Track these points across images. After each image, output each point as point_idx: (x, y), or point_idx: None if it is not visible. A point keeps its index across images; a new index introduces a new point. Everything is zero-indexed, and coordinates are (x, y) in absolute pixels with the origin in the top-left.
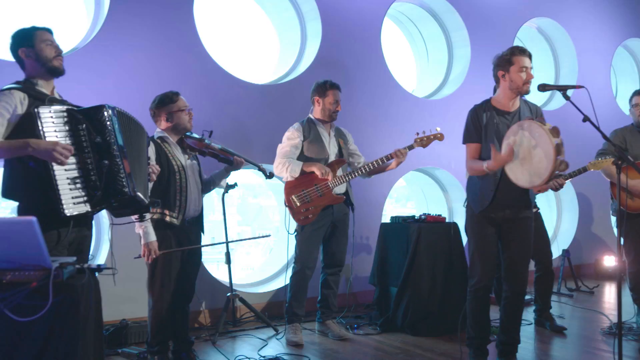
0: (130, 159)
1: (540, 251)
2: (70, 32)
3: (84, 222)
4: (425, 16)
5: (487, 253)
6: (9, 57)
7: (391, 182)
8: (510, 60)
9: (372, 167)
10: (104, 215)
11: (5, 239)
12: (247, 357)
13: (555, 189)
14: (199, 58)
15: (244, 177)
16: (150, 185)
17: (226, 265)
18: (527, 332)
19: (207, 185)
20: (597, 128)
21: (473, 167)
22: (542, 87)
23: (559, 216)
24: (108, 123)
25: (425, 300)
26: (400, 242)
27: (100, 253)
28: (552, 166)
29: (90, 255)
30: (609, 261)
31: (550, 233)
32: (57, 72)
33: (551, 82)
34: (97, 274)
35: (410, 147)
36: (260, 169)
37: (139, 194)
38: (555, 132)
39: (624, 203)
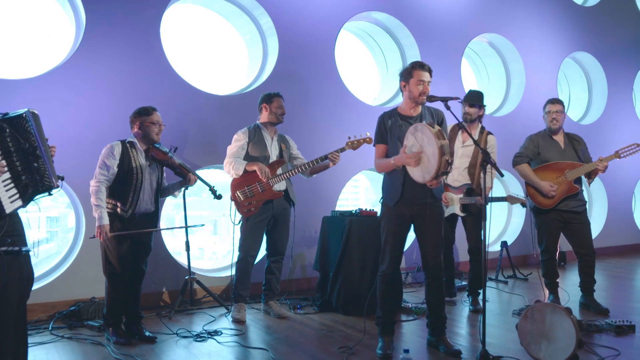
0: (47, 155)
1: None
2: (52, 51)
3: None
4: (380, 31)
5: (396, 244)
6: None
7: (342, 182)
8: (411, 73)
9: (308, 167)
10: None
11: None
12: (187, 330)
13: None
14: (165, 73)
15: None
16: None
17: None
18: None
19: (164, 191)
20: (471, 136)
21: (381, 164)
22: (429, 98)
23: (509, 213)
24: (30, 129)
25: (356, 284)
26: (337, 233)
27: (79, 241)
28: (438, 164)
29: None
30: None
31: (500, 227)
32: None
33: (503, 90)
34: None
35: (342, 150)
36: (211, 190)
37: (58, 183)
38: (440, 134)
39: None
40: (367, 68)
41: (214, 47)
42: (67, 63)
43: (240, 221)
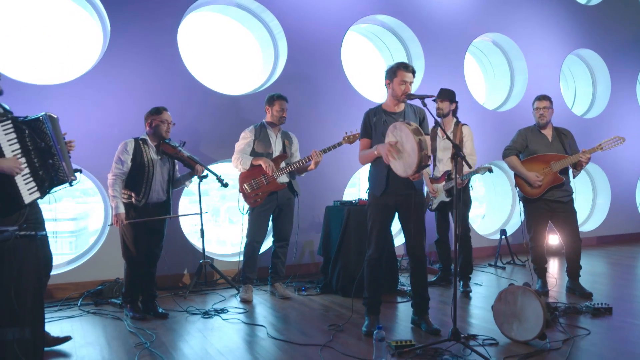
0: (62, 152)
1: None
2: (83, 58)
3: (32, 203)
4: (387, 32)
5: (381, 231)
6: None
7: (349, 173)
8: (395, 72)
9: (294, 167)
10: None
11: None
12: (197, 308)
13: (460, 185)
14: (182, 76)
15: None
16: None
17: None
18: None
19: (176, 182)
20: (444, 131)
21: (364, 156)
22: (409, 97)
23: (513, 204)
24: (46, 130)
25: (353, 268)
26: (338, 221)
27: (105, 229)
28: (418, 159)
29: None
30: (553, 239)
31: (504, 217)
32: None
33: (507, 87)
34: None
35: (339, 144)
36: (218, 179)
37: (72, 177)
38: (417, 131)
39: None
40: (378, 67)
41: (234, 50)
42: (96, 68)
43: (247, 211)
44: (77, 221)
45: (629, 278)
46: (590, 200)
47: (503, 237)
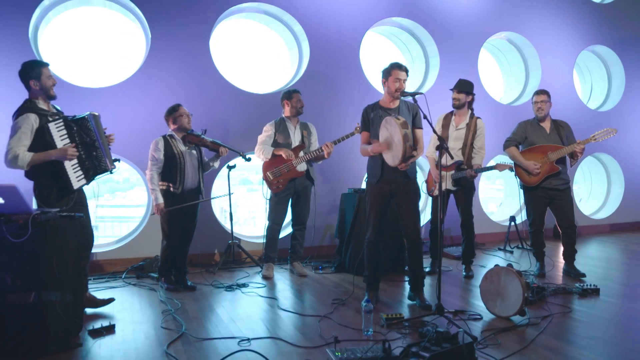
0: (104, 145)
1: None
2: (129, 62)
3: (79, 189)
4: (405, 33)
5: (378, 216)
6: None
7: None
8: (390, 72)
9: (311, 156)
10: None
11: (4, 197)
12: (221, 283)
13: (472, 177)
14: (213, 77)
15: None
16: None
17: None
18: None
19: (205, 165)
20: (430, 124)
21: (363, 150)
22: (402, 94)
23: None
24: (90, 127)
25: (363, 249)
26: (351, 207)
27: (148, 213)
28: (403, 150)
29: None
30: None
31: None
32: (53, 98)
33: (522, 83)
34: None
35: (351, 134)
36: (240, 155)
37: (112, 166)
38: (404, 125)
39: (438, 180)
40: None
41: (264, 51)
42: (139, 72)
43: (270, 196)
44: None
45: (632, 263)
46: (605, 189)
47: (512, 223)
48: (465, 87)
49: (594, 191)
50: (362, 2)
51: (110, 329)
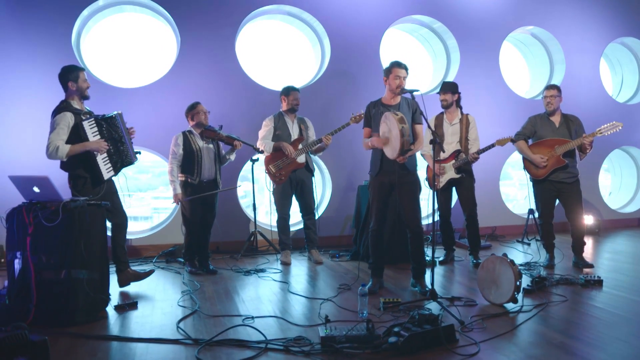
0: (128, 140)
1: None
2: (162, 63)
3: (109, 180)
4: (426, 30)
5: (380, 206)
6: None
7: None
8: (390, 70)
9: (310, 147)
10: None
11: (39, 187)
12: (240, 268)
13: (474, 160)
14: (238, 76)
15: None
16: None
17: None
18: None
19: (223, 158)
20: (426, 121)
21: (366, 144)
22: (401, 91)
23: None
24: (118, 124)
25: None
26: (366, 198)
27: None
28: (400, 144)
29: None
30: (587, 219)
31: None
32: (86, 99)
33: (546, 77)
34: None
35: (347, 124)
36: (254, 148)
37: (134, 158)
38: (402, 120)
39: (432, 176)
40: (422, 62)
41: (289, 50)
42: (170, 73)
43: (273, 189)
44: None
45: None
46: (635, 183)
47: (531, 216)
48: (449, 88)
49: (623, 185)
50: (382, 1)
51: (133, 305)
